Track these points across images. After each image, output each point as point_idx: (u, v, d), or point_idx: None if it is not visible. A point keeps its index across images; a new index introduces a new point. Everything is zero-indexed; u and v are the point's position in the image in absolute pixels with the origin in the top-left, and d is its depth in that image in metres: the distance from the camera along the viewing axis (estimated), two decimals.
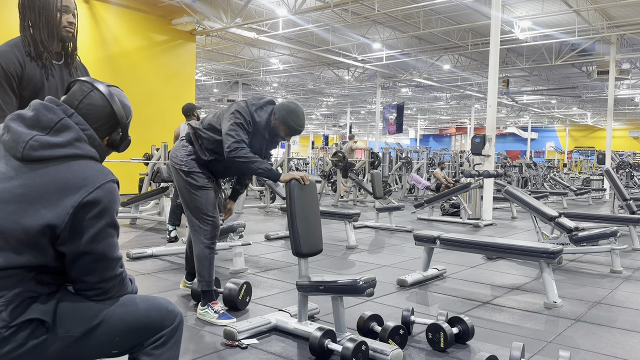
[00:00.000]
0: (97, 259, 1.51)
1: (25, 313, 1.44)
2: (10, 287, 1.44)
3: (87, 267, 1.51)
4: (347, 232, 6.31)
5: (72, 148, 1.52)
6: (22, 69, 2.22)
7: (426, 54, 17.41)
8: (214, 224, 3.32)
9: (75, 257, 1.50)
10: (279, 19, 12.90)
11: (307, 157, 31.34)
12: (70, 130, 1.54)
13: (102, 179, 1.52)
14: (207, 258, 3.32)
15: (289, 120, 3.18)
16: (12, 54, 2.22)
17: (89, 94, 1.61)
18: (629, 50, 16.07)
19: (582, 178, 20.43)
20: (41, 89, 2.29)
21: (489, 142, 9.15)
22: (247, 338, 2.99)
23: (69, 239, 1.47)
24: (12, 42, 2.26)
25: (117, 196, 1.56)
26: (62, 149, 1.51)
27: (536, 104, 29.79)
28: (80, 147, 1.54)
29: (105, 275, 1.53)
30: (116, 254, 1.56)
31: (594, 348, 3.05)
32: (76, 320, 1.49)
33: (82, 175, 1.50)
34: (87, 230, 1.48)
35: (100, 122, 1.61)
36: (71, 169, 1.50)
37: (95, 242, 1.49)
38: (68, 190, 1.47)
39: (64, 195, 1.46)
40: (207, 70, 21.99)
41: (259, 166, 3.09)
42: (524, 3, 12.42)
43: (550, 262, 3.87)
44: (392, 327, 2.88)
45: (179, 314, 1.67)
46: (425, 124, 41.63)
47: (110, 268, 1.54)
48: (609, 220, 6.67)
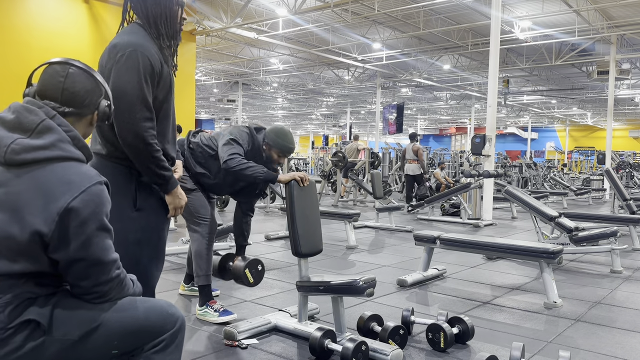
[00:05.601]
0: (90, 264, 1.48)
1: (23, 315, 1.42)
2: (7, 292, 1.43)
3: (82, 272, 1.48)
4: (347, 232, 6.31)
5: (55, 150, 1.47)
6: (160, 67, 2.02)
7: (426, 54, 17.40)
8: (210, 222, 3.38)
9: (68, 264, 1.47)
10: (279, 19, 12.89)
11: (307, 157, 31.34)
12: (53, 132, 1.49)
13: (87, 182, 1.47)
14: (205, 254, 3.35)
15: (278, 141, 3.28)
16: (153, 49, 2.02)
17: (70, 74, 1.56)
18: (629, 50, 16.06)
19: (582, 178, 20.43)
20: (170, 90, 2.10)
21: (489, 142, 9.14)
22: (247, 338, 2.99)
23: (59, 247, 1.44)
24: (141, 34, 2.03)
25: (105, 198, 1.51)
26: (44, 151, 1.46)
27: (536, 104, 29.78)
28: (63, 148, 1.49)
29: (101, 279, 1.50)
30: (110, 257, 1.52)
31: (594, 348, 3.05)
32: (74, 323, 1.48)
33: (66, 180, 1.45)
34: (77, 236, 1.44)
35: (89, 96, 1.58)
36: (55, 172, 1.46)
37: (86, 248, 1.46)
38: (52, 195, 1.43)
39: (48, 201, 1.42)
40: (207, 70, 21.97)
41: (255, 170, 3.13)
42: (524, 3, 12.41)
43: (550, 262, 3.87)
44: (392, 327, 2.88)
45: (180, 318, 1.64)
46: (425, 124, 41.61)
47: (105, 272, 1.51)
48: (609, 220, 6.66)
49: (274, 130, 3.33)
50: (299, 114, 37.11)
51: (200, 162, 3.33)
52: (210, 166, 3.31)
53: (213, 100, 30.19)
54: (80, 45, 8.65)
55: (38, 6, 8.47)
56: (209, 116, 37.64)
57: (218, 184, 3.37)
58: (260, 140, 3.31)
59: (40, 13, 8.50)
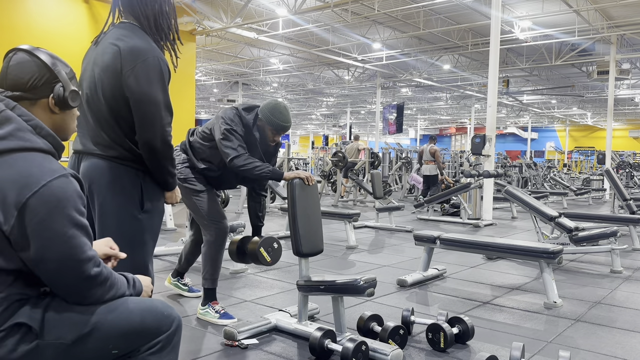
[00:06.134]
0: (60, 264, 1.37)
1: (13, 317, 1.38)
2: None
3: (54, 272, 1.39)
4: (347, 232, 6.31)
5: (13, 140, 1.39)
6: (168, 70, 2.09)
7: (426, 54, 17.40)
8: (221, 225, 3.31)
9: (36, 264, 1.37)
10: (279, 19, 12.89)
11: (307, 157, 31.34)
12: (11, 122, 1.41)
13: (48, 176, 1.37)
14: (213, 258, 3.32)
15: (271, 118, 3.19)
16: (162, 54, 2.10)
17: (13, 57, 1.52)
18: (629, 50, 16.06)
19: (582, 178, 20.42)
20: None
21: (489, 142, 9.15)
22: (247, 338, 2.99)
23: (22, 245, 1.36)
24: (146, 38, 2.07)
25: (72, 192, 1.40)
26: (2, 141, 1.39)
27: (536, 104, 29.79)
28: (23, 137, 1.41)
29: (77, 279, 1.41)
30: (83, 255, 1.40)
31: (594, 348, 3.05)
32: (66, 326, 1.42)
33: (26, 173, 1.36)
34: (39, 234, 1.35)
35: (35, 76, 1.49)
36: (14, 165, 1.37)
37: (52, 247, 1.36)
38: (9, 189, 1.35)
39: (5, 193, 1.34)
40: (207, 70, 21.97)
41: (261, 170, 3.09)
42: (524, 3, 12.41)
43: (550, 262, 3.87)
44: (392, 327, 2.88)
45: (177, 318, 1.60)
46: (425, 124, 41.61)
47: (80, 270, 1.40)
48: (609, 220, 6.66)
49: (269, 107, 3.21)
50: (299, 114, 37.11)
51: (203, 158, 3.30)
52: (212, 158, 3.27)
53: (213, 100, 30.21)
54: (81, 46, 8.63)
55: (38, 6, 8.47)
56: (209, 116, 37.65)
57: (224, 175, 3.32)
58: (250, 120, 3.21)
59: (40, 13, 8.50)
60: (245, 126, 3.19)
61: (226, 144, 3.10)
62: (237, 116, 3.19)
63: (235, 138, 3.12)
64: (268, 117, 3.19)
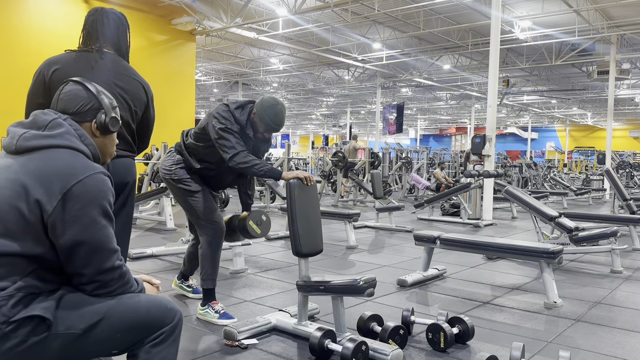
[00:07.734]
0: (91, 249, 1.51)
1: (27, 309, 1.44)
2: (11, 278, 1.45)
3: (83, 258, 1.51)
4: (347, 232, 6.31)
5: (61, 139, 1.58)
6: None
7: (426, 54, 17.39)
8: (217, 225, 3.32)
9: (70, 248, 1.50)
10: (279, 19, 12.89)
11: (307, 157, 31.34)
12: (62, 126, 1.61)
13: (90, 170, 1.55)
14: (210, 258, 3.31)
15: (265, 117, 3.16)
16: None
17: (65, 87, 1.72)
18: (629, 50, 16.06)
19: (582, 178, 20.42)
20: None
21: (489, 142, 9.15)
22: (247, 338, 2.99)
23: (59, 229, 1.48)
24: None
25: (108, 187, 1.58)
26: (52, 139, 1.57)
27: (536, 104, 29.78)
28: (70, 139, 1.60)
29: (102, 267, 1.53)
30: (112, 245, 1.56)
31: (594, 348, 3.05)
32: (77, 317, 1.50)
33: (71, 164, 1.54)
34: (78, 219, 1.49)
35: (82, 103, 1.69)
36: (61, 158, 1.55)
37: (87, 231, 1.50)
38: (56, 175, 1.50)
39: (52, 179, 1.49)
40: (207, 70, 21.97)
41: (260, 168, 3.10)
42: (524, 3, 12.42)
43: (550, 262, 3.87)
44: (392, 327, 2.88)
45: (179, 312, 1.68)
46: (425, 124, 41.60)
47: (106, 259, 1.54)
48: (609, 220, 6.66)
49: (267, 104, 3.15)
50: (299, 114, 37.10)
51: (200, 158, 3.31)
52: (209, 157, 3.26)
53: (213, 100, 30.19)
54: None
55: (37, 7, 8.47)
56: None
57: (222, 173, 3.33)
58: (244, 119, 3.18)
59: (40, 14, 8.49)
60: (235, 120, 3.18)
61: (223, 143, 3.10)
62: (229, 113, 3.17)
63: (231, 136, 3.11)
64: (261, 114, 3.16)
